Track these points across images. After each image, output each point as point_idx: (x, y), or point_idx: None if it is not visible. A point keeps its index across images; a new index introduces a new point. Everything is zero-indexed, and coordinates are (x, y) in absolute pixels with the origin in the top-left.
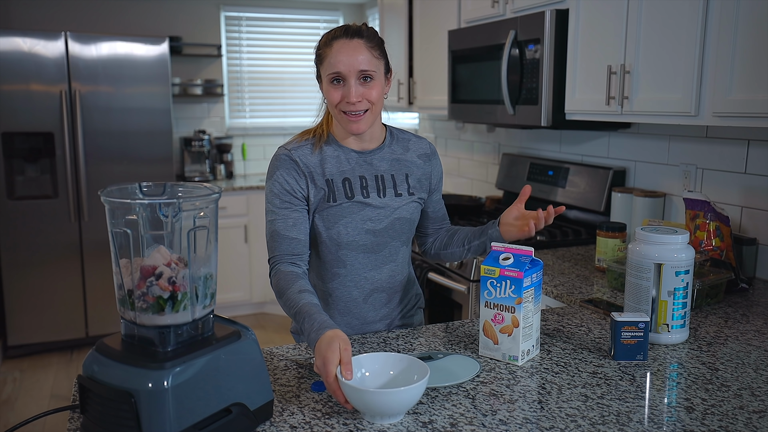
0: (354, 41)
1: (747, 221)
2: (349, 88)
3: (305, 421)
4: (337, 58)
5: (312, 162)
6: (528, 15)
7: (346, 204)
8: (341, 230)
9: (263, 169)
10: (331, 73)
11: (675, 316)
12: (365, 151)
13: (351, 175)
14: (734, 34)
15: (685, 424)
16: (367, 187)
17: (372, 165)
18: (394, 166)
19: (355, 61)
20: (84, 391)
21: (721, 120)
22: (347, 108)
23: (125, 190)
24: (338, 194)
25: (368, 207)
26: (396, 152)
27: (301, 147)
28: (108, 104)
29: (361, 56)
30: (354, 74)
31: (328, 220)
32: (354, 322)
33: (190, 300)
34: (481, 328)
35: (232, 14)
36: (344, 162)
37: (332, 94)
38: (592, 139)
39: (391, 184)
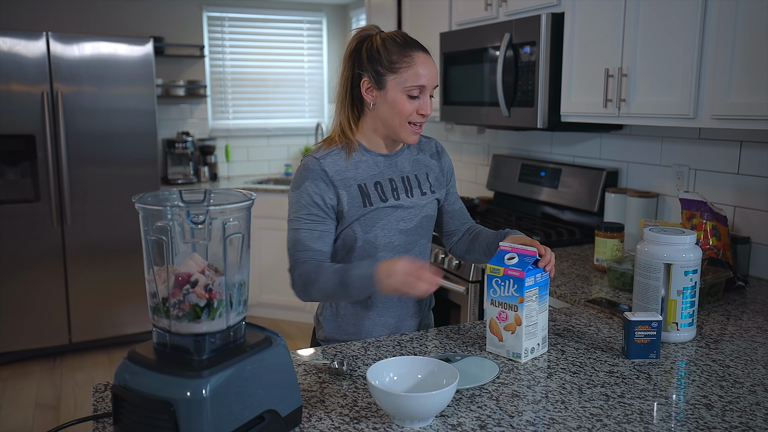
0: (429, 57)
1: (740, 220)
2: (426, 102)
3: (334, 426)
4: (423, 72)
5: (342, 168)
6: (523, 18)
7: (381, 207)
8: (378, 233)
9: (247, 170)
10: (414, 85)
11: (684, 314)
12: (390, 154)
13: (381, 179)
14: (733, 36)
15: (707, 421)
16: (396, 189)
17: (397, 167)
18: (415, 166)
19: (435, 77)
20: (118, 400)
21: (719, 122)
22: (417, 120)
23: (160, 196)
24: (373, 198)
25: (400, 208)
26: (413, 153)
27: (330, 154)
28: (91, 105)
29: (436, 71)
30: (431, 89)
31: (365, 225)
32: (390, 321)
33: (225, 307)
34: (488, 325)
35: (214, 15)
36: (373, 166)
37: (406, 106)
38: (584, 140)
39: (416, 183)
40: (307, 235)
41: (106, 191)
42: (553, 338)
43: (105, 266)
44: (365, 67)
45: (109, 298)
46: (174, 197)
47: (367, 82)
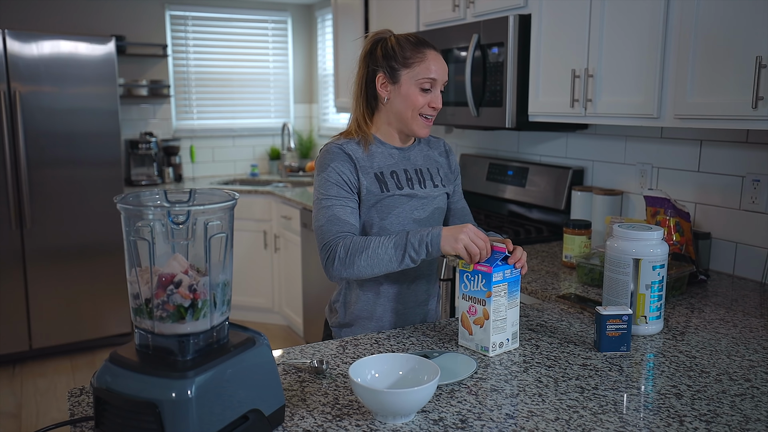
0: (440, 55)
1: (701, 216)
2: (437, 95)
3: (317, 424)
4: (434, 67)
5: (362, 157)
6: (491, 19)
7: (397, 194)
8: (393, 220)
9: (213, 171)
10: (426, 78)
11: (652, 308)
12: (404, 147)
13: (396, 168)
14: (694, 38)
15: (678, 410)
16: (411, 179)
17: (410, 160)
18: (426, 161)
19: (445, 72)
20: (100, 403)
21: (681, 122)
22: (428, 112)
23: (142, 196)
24: (390, 185)
25: (415, 197)
26: (424, 150)
27: (349, 143)
28: (51, 105)
29: (446, 67)
30: (441, 83)
31: (381, 211)
32: (399, 308)
33: (209, 307)
34: (460, 319)
35: (177, 13)
36: (388, 157)
37: (419, 99)
38: (550, 139)
39: (428, 176)
40: (341, 211)
41: (67, 193)
42: (526, 333)
43: (66, 270)
44: (380, 64)
45: (71, 302)
46: (157, 197)
47: (382, 77)
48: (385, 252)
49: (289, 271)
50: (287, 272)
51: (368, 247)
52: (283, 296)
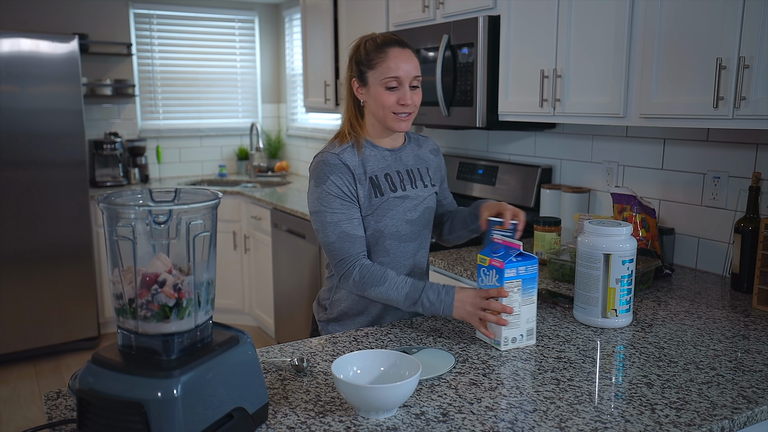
0: (406, 50)
1: (664, 213)
2: (405, 92)
3: (300, 421)
4: (396, 64)
5: (356, 164)
6: (461, 20)
7: (391, 197)
8: (387, 222)
9: (180, 172)
10: (389, 77)
11: (621, 301)
12: (395, 148)
13: (390, 171)
14: (658, 39)
15: (649, 399)
16: (403, 180)
17: (401, 160)
18: (417, 161)
19: (411, 68)
20: (84, 405)
21: (647, 121)
22: (399, 110)
23: (125, 195)
24: (384, 188)
25: (407, 199)
26: (415, 149)
27: (345, 150)
28: (11, 105)
29: (414, 63)
30: (409, 80)
31: (377, 214)
32: (391, 307)
33: (193, 307)
34: None
35: (141, 11)
36: (381, 160)
37: (387, 98)
38: (519, 138)
39: (419, 176)
40: (349, 225)
41: (30, 195)
42: None
43: (30, 274)
44: (353, 69)
45: (34, 307)
46: (139, 197)
47: (355, 82)
48: (397, 298)
49: (260, 272)
50: (258, 273)
51: (382, 284)
52: (254, 297)
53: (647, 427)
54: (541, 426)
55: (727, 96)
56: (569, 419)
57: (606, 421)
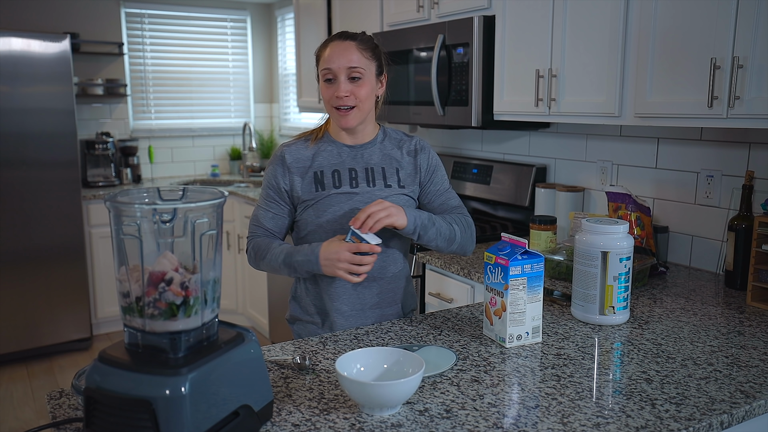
0: (346, 42)
1: (658, 211)
2: (338, 84)
3: (305, 418)
4: (330, 57)
5: (303, 157)
6: (456, 20)
7: (333, 192)
8: (330, 218)
9: (172, 172)
10: (323, 69)
11: (619, 299)
12: (357, 145)
13: (341, 167)
14: (653, 39)
15: (649, 394)
16: (356, 178)
17: (363, 158)
18: (385, 160)
19: (344, 60)
20: (91, 403)
21: (642, 120)
22: (337, 103)
23: (132, 194)
24: (327, 184)
25: (356, 196)
26: (387, 148)
27: (295, 144)
28: (3, 105)
29: (352, 56)
30: (343, 71)
31: (318, 209)
32: (344, 308)
33: (200, 305)
34: (484, 309)
35: (133, 11)
36: (336, 155)
37: (325, 92)
38: (513, 138)
39: (381, 176)
40: (262, 213)
41: (21, 196)
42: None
43: (21, 274)
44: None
45: (27, 308)
46: (145, 195)
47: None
48: (279, 266)
49: (254, 272)
50: (251, 273)
51: (266, 256)
52: (248, 297)
53: (648, 422)
54: (544, 421)
55: (721, 95)
56: (571, 414)
57: (608, 416)
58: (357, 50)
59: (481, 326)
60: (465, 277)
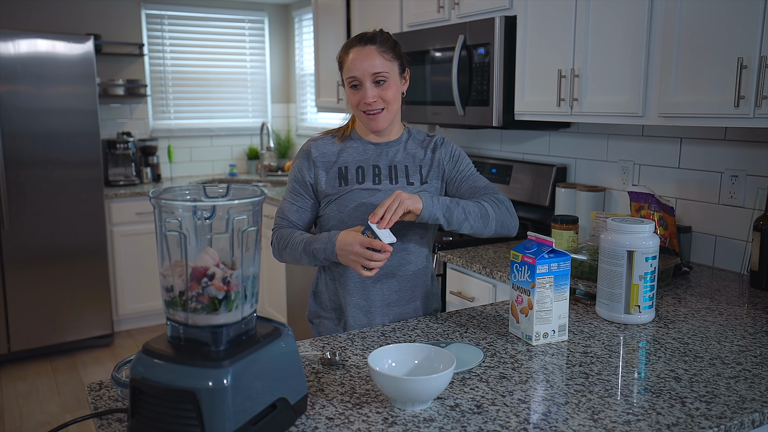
0: (367, 48)
1: (681, 211)
2: (365, 91)
3: (339, 412)
4: (354, 65)
5: (329, 152)
6: (477, 21)
7: (356, 188)
8: (352, 213)
9: (191, 171)
10: (348, 77)
11: (644, 298)
12: (381, 143)
13: (365, 164)
14: (677, 38)
15: (678, 392)
16: (380, 174)
17: (387, 155)
18: (408, 158)
19: (368, 66)
20: (136, 393)
21: (666, 120)
22: (365, 108)
23: (176, 191)
24: (350, 179)
25: (378, 192)
26: (410, 147)
27: (322, 139)
28: (29, 105)
29: (374, 61)
30: (368, 77)
31: (341, 204)
32: (362, 303)
33: (240, 299)
34: (510, 307)
35: (153, 12)
36: (361, 152)
37: (352, 98)
38: (533, 138)
39: (403, 173)
40: (287, 206)
41: (46, 194)
42: None
43: (45, 272)
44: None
45: (51, 304)
46: (187, 192)
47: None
48: (299, 254)
49: (272, 270)
50: (270, 271)
51: (287, 245)
52: (266, 295)
53: (679, 420)
54: (574, 418)
55: (748, 95)
56: (601, 411)
57: (638, 414)
58: (378, 54)
59: (506, 324)
60: (487, 276)
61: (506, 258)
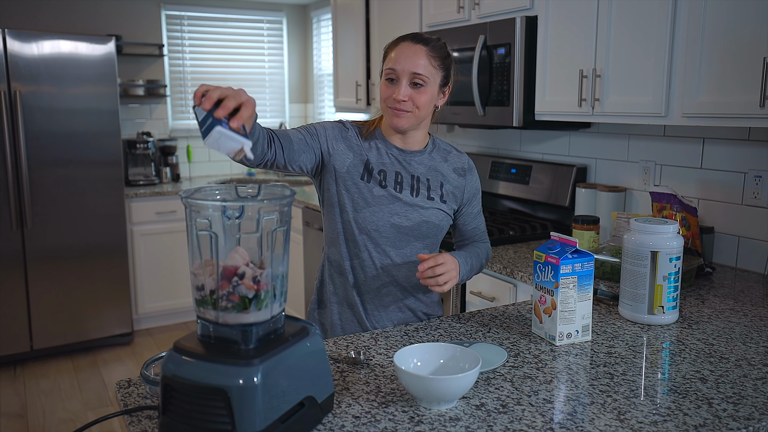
0: (417, 46)
1: (703, 211)
2: (399, 87)
3: (365, 411)
4: (397, 58)
5: (358, 140)
6: (498, 21)
7: (377, 190)
8: (367, 216)
9: (209, 171)
10: (387, 68)
11: (668, 298)
12: (407, 150)
13: (388, 169)
14: (702, 38)
15: (704, 393)
16: (401, 183)
17: (410, 165)
18: (431, 171)
19: (411, 65)
20: (168, 390)
21: (689, 120)
22: (393, 104)
23: (206, 191)
24: (374, 178)
25: (398, 201)
26: (435, 160)
27: (354, 126)
28: (51, 105)
29: (419, 61)
30: (407, 75)
31: (357, 203)
32: (368, 306)
33: (270, 298)
34: (533, 307)
35: (173, 13)
36: (385, 155)
37: (384, 90)
38: (552, 138)
39: (425, 186)
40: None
41: (67, 194)
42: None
43: (67, 270)
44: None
45: (72, 303)
46: (217, 192)
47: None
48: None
49: (291, 270)
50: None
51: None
52: None
53: (706, 421)
54: (600, 418)
55: None
56: (627, 412)
57: (664, 414)
58: (426, 56)
59: (528, 324)
60: (508, 276)
61: (526, 258)
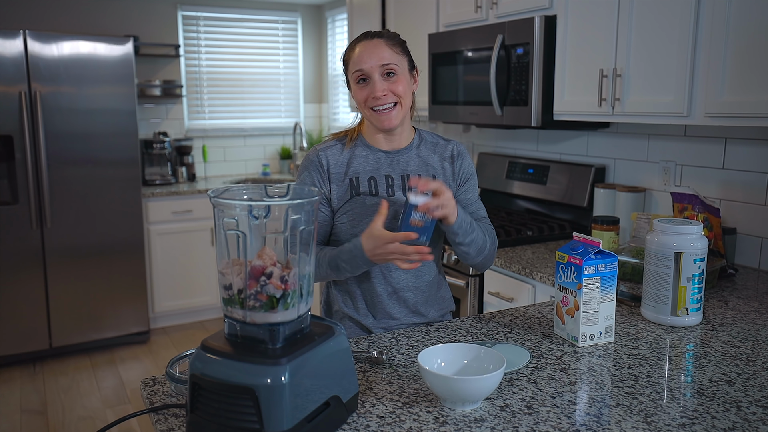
0: (374, 40)
1: (726, 212)
2: (374, 84)
3: (389, 411)
4: (360, 58)
5: (339, 161)
6: (516, 20)
7: (369, 200)
8: (365, 227)
9: (225, 170)
10: (355, 71)
11: (692, 300)
12: (393, 150)
13: (377, 174)
14: (726, 36)
15: (732, 396)
16: (393, 185)
17: (399, 164)
18: (421, 167)
19: (376, 58)
20: (195, 389)
21: (712, 120)
22: (374, 104)
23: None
24: (362, 190)
25: (393, 205)
26: (423, 154)
27: (330, 147)
28: (70, 105)
29: (383, 53)
30: (377, 69)
31: (353, 218)
32: (379, 316)
33: (296, 298)
34: (555, 308)
35: (189, 14)
36: (372, 161)
37: (359, 94)
38: (570, 138)
39: None
40: (322, 217)
41: (86, 193)
42: None
43: (86, 269)
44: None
45: (90, 301)
46: (244, 192)
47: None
48: (327, 272)
49: None
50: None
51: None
52: None
53: (735, 424)
54: (627, 420)
55: None
56: (654, 414)
57: (692, 417)
58: (387, 46)
59: (550, 325)
60: (527, 277)
61: (545, 259)
